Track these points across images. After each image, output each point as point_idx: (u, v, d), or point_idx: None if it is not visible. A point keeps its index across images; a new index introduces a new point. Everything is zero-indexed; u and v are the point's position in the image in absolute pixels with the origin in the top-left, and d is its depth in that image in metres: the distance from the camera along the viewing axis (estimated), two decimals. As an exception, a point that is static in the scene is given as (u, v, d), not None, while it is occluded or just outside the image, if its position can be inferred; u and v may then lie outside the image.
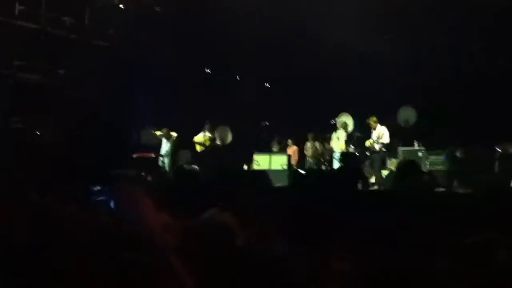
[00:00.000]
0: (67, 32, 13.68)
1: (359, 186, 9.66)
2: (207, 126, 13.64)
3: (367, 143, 12.03)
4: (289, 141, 14.87)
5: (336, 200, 4.11)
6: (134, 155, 13.20)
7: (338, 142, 13.02)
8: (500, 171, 11.60)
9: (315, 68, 15.71)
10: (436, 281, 2.11)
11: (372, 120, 11.98)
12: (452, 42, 14.29)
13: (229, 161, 14.20)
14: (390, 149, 12.17)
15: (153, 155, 13.13)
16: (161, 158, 13.05)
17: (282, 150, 14.77)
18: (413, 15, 14.08)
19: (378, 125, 11.90)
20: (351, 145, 12.83)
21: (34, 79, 13.23)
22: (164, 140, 13.23)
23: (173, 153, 13.30)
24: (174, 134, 13.22)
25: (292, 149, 14.65)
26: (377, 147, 11.75)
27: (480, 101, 13.33)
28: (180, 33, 15.37)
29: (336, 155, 12.91)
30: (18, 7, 12.83)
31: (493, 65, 13.66)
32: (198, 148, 13.59)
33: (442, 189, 8.65)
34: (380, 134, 11.75)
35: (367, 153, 12.16)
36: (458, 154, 13.23)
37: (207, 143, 13.47)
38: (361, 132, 12.72)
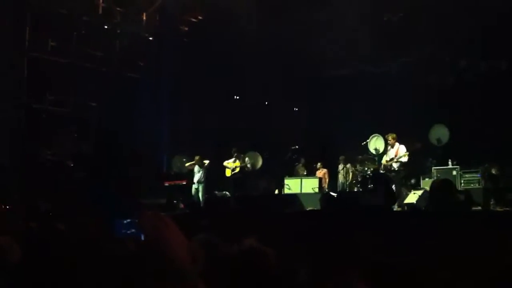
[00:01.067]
0: (97, 65, 14.05)
1: (395, 206, 9.53)
2: (236, 151, 13.70)
3: (383, 161, 11.63)
4: (319, 164, 14.77)
5: (369, 221, 4.05)
6: (166, 183, 13.32)
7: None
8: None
9: (342, 90, 15.81)
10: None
11: (391, 136, 11.51)
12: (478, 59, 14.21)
13: (260, 186, 14.21)
14: (408, 168, 11.61)
15: (184, 182, 13.22)
16: (194, 186, 13.07)
17: (309, 173, 14.68)
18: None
19: (397, 143, 11.41)
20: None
21: (66, 111, 13.57)
22: (196, 168, 13.25)
23: (206, 180, 13.28)
24: (206, 161, 13.24)
25: (322, 172, 14.55)
26: (395, 165, 11.27)
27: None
28: (207, 61, 15.60)
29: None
30: (50, 43, 13.27)
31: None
32: (228, 173, 13.63)
33: (478, 208, 8.42)
34: (398, 152, 11.24)
35: (381, 171, 11.74)
36: (493, 171, 12.93)
37: (238, 169, 13.50)
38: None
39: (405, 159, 11.06)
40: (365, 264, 2.29)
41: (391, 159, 11.22)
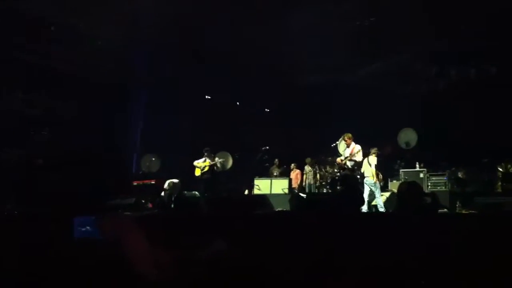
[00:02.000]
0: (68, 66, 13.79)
1: (362, 208, 9.60)
2: (207, 151, 13.58)
3: (338, 160, 11.69)
4: (293, 165, 14.81)
5: (337, 223, 4.05)
6: (135, 183, 13.15)
7: (369, 168, 12.13)
8: (502, 191, 11.54)
9: (314, 93, 15.92)
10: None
11: (347, 136, 11.58)
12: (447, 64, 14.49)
13: (229, 186, 14.16)
14: (361, 168, 11.69)
15: (153, 182, 13.07)
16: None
17: (283, 174, 14.72)
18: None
19: (353, 142, 11.47)
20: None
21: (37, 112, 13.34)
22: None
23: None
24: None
25: (295, 173, 14.61)
26: (349, 164, 11.33)
27: (481, 121, 13.38)
28: (179, 61, 15.49)
29: (369, 181, 11.91)
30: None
31: (494, 87, 13.78)
32: (198, 172, 13.53)
33: (444, 211, 8.57)
34: (353, 151, 11.31)
35: (336, 171, 11.79)
36: (460, 175, 13.19)
37: (207, 168, 13.41)
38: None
39: (359, 157, 11.12)
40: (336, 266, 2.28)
41: (346, 158, 11.31)
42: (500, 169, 12.38)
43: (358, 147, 11.17)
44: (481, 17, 12.89)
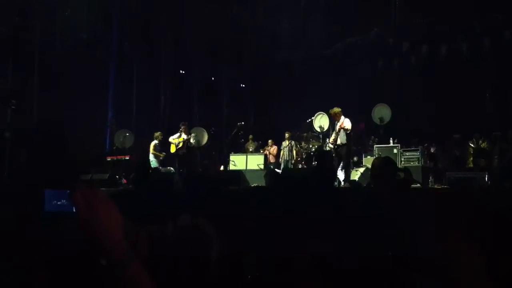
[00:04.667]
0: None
1: (336, 184, 9.69)
2: (182, 127, 13.47)
3: (331, 140, 11.65)
4: (270, 141, 14.80)
5: (312, 200, 4.06)
6: (108, 158, 12.99)
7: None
8: (473, 167, 11.76)
9: (289, 69, 15.91)
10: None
11: (336, 110, 11.54)
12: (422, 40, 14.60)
13: (204, 162, 14.10)
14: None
15: (127, 157, 12.92)
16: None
17: (258, 149, 14.72)
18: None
19: (342, 116, 11.43)
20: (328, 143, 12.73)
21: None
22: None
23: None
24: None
25: (272, 148, 14.62)
26: (340, 140, 11.25)
27: (453, 97, 13.56)
28: (154, 36, 15.26)
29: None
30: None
31: (464, 63, 13.94)
32: (173, 148, 13.42)
33: (417, 185, 8.69)
34: (344, 124, 11.26)
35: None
36: (432, 150, 13.40)
37: (181, 145, 13.31)
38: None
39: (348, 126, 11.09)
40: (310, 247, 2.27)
41: (337, 133, 11.27)
42: (472, 145, 12.60)
43: (348, 121, 11.16)
44: None
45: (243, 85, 18.20)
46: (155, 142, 13.19)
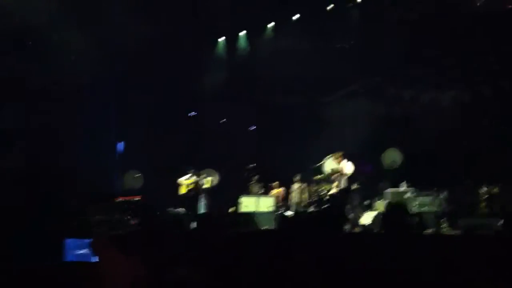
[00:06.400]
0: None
1: (346, 227, 9.58)
2: (192, 168, 13.51)
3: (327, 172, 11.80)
4: (274, 183, 14.75)
5: (323, 243, 4.01)
6: (119, 199, 12.97)
7: None
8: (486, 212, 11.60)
9: (299, 113, 16.10)
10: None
11: (338, 155, 11.74)
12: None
13: (214, 204, 14.05)
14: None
15: (137, 198, 12.90)
16: None
17: (265, 191, 14.67)
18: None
19: (344, 160, 11.58)
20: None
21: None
22: None
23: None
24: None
25: (278, 191, 14.54)
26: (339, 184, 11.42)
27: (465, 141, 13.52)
28: (159, 77, 15.50)
29: None
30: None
31: (478, 108, 13.97)
32: (183, 190, 13.41)
33: (430, 231, 8.58)
34: (344, 168, 11.36)
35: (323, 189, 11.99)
36: (442, 196, 13.22)
37: (193, 186, 13.31)
38: None
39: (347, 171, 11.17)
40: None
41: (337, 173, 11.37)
42: (483, 191, 12.42)
43: (350, 165, 11.23)
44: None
45: (252, 128, 18.29)
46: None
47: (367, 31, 14.75)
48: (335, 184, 11.41)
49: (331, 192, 12.42)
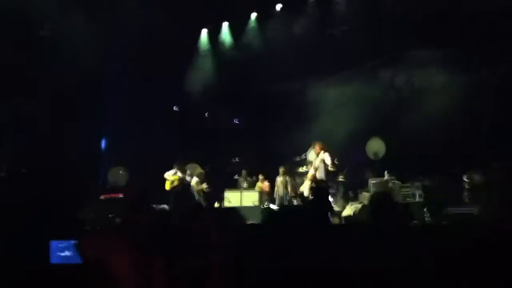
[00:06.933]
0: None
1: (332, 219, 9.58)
2: (178, 163, 13.43)
3: (309, 175, 11.68)
4: (261, 177, 14.72)
5: (310, 236, 3.98)
6: (102, 197, 12.83)
7: None
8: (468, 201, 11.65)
9: (284, 103, 15.99)
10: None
11: (318, 146, 11.61)
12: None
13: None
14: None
15: (121, 195, 12.75)
16: None
17: (252, 185, 14.63)
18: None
19: (322, 151, 11.45)
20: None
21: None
22: None
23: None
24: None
25: (264, 185, 14.51)
26: (319, 174, 11.29)
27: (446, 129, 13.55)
28: (146, 70, 15.31)
29: None
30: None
31: (459, 95, 13.97)
32: (168, 185, 13.32)
33: (415, 222, 8.61)
34: (324, 160, 11.28)
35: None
36: (427, 184, 13.27)
37: (177, 182, 13.22)
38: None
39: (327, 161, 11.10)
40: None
41: (316, 168, 11.30)
42: (467, 179, 12.48)
43: (328, 156, 11.14)
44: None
45: (237, 122, 18.22)
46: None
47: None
48: (318, 175, 11.32)
49: (313, 184, 12.34)
